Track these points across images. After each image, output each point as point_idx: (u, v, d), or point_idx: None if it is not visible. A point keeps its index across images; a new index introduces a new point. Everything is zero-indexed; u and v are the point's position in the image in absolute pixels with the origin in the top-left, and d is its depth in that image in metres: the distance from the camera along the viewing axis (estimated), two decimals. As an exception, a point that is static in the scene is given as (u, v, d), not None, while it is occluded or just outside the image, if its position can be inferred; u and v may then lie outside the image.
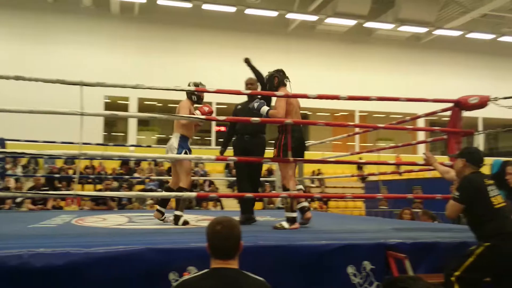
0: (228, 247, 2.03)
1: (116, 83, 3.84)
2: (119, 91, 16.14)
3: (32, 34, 17.00)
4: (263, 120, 4.16)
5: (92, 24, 17.62)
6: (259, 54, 18.95)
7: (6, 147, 7.18)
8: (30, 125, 11.75)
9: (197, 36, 18.60)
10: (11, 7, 16.92)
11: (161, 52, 18.12)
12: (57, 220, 5.30)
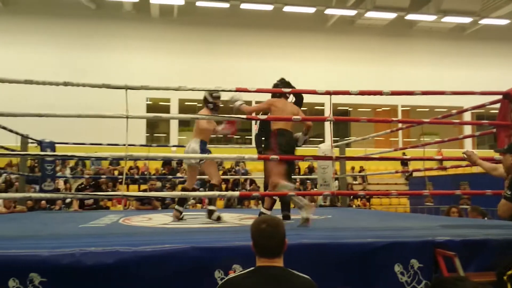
0: (273, 246, 2.04)
1: (158, 86, 3.92)
2: (161, 93, 16.48)
3: (77, 41, 17.61)
4: (303, 118, 4.14)
5: (133, 29, 18.07)
6: (297, 52, 19.06)
7: (55, 150, 7.44)
8: (78, 128, 12.16)
9: (236, 36, 18.73)
10: (56, 16, 17.59)
11: (200, 53, 18.35)
12: (105, 220, 5.45)
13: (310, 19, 19.21)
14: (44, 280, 2.61)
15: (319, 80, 15.78)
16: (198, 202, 12.34)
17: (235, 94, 4.52)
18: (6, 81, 3.59)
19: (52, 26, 17.61)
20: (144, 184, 12.63)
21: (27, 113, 3.76)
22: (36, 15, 17.53)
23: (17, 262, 2.63)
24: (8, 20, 17.10)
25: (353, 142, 9.27)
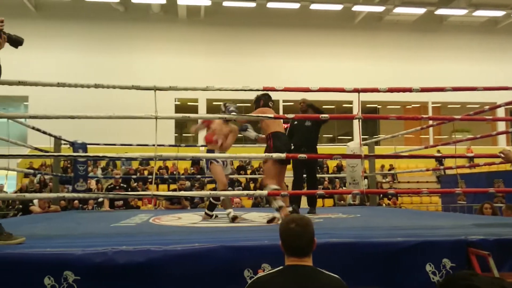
0: (302, 245, 2.04)
1: (186, 86, 3.96)
2: (189, 94, 16.64)
3: (106, 43, 17.97)
4: (331, 117, 4.11)
5: (160, 30, 18.31)
6: (325, 49, 18.94)
7: (87, 151, 7.61)
8: (108, 130, 12.41)
9: (262, 35, 18.75)
10: (86, 20, 17.98)
11: (227, 53, 18.45)
12: (136, 219, 5.54)
13: (337, 16, 19.05)
14: (78, 278, 2.68)
15: (346, 78, 15.65)
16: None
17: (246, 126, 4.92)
18: (40, 84, 3.70)
19: (82, 30, 18.00)
20: (174, 184, 12.78)
21: (61, 115, 3.86)
22: (66, 19, 17.95)
23: (52, 261, 2.70)
24: (41, 25, 17.57)
25: (382, 140, 9.14)
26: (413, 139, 19.05)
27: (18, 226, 4.32)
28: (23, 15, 17.12)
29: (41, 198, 7.91)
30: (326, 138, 19.56)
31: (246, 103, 18.04)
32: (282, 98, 16.30)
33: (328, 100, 17.62)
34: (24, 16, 17.16)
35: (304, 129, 5.73)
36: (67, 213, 7.99)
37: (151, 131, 5.20)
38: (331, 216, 5.65)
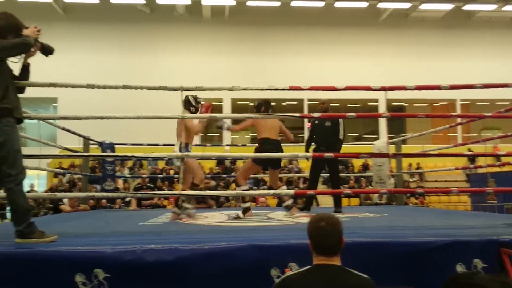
0: (332, 244, 2.02)
1: (212, 86, 3.98)
2: (213, 93, 16.70)
3: (132, 45, 18.23)
4: (358, 115, 4.07)
5: (185, 30, 18.46)
6: (349, 48, 18.78)
7: (115, 151, 7.72)
8: (135, 130, 12.59)
9: (286, 34, 18.72)
10: (112, 22, 18.28)
11: (251, 53, 18.48)
12: (163, 218, 5.60)
13: (362, 13, 18.86)
14: (108, 276, 2.72)
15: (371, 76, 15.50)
16: (251, 201, 12.42)
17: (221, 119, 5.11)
18: (70, 86, 3.78)
19: (109, 32, 18.31)
20: (199, 183, 12.83)
21: (90, 116, 3.94)
22: (94, 22, 18.29)
23: (82, 258, 2.76)
24: (68, 27, 17.95)
25: (409, 139, 9.02)
26: (440, 137, 18.71)
27: (49, 224, 4.42)
28: (52, 18, 17.52)
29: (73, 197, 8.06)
30: (351, 137, 19.40)
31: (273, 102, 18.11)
32: (307, 97, 16.27)
33: (354, 98, 17.52)
34: (53, 19, 17.55)
35: (324, 129, 5.96)
36: (95, 212, 8.14)
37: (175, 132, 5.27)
38: (358, 215, 5.60)
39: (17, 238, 3.03)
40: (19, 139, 3.19)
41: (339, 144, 5.89)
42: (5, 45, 3.13)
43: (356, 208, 9.15)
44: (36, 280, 2.73)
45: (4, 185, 3.08)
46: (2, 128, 3.04)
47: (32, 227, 3.07)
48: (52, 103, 18.27)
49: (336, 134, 5.91)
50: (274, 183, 5.42)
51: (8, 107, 3.12)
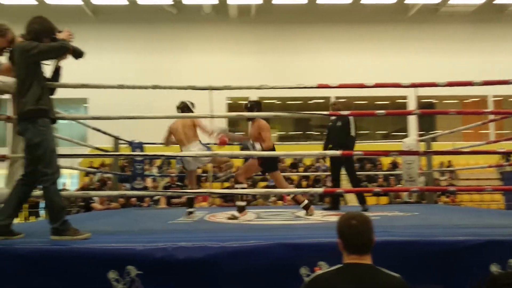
0: (363, 242, 2.01)
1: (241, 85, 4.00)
2: (240, 92, 16.75)
3: (160, 45, 18.44)
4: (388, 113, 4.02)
5: (212, 30, 18.57)
6: (377, 45, 18.51)
7: (144, 150, 7.83)
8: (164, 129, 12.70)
9: (313, 32, 18.61)
10: (139, 22, 18.53)
11: (278, 51, 18.45)
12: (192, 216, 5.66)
13: (390, 10, 18.58)
14: (140, 273, 2.78)
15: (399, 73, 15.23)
16: (279, 199, 12.42)
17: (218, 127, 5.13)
18: (101, 86, 3.86)
19: (136, 33, 18.57)
20: (227, 182, 12.93)
21: (121, 116, 4.01)
22: (122, 23, 18.58)
23: (115, 255, 2.82)
24: (99, 29, 18.28)
25: (439, 136, 8.84)
26: (472, 134, 18.26)
27: (82, 222, 4.52)
28: (82, 21, 17.86)
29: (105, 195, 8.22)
30: (379, 135, 19.15)
31: (297, 100, 18.05)
32: (334, 95, 16.13)
33: (381, 95, 17.28)
34: (83, 22, 17.89)
35: (336, 129, 6.16)
36: (125, 210, 8.28)
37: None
38: (388, 214, 5.54)
39: (53, 235, 3.11)
40: (54, 139, 3.29)
41: (350, 142, 5.96)
42: (44, 49, 3.24)
43: (385, 206, 9.05)
44: (71, 276, 2.80)
45: (41, 184, 3.18)
46: (38, 129, 3.14)
47: (67, 225, 3.16)
48: (82, 104, 18.65)
49: (347, 133, 6.03)
50: (279, 185, 5.40)
51: (44, 108, 3.22)
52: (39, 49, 3.20)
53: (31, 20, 3.31)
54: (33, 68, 3.23)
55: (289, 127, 19.48)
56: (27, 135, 3.15)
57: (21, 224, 5.57)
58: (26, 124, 3.15)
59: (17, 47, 3.24)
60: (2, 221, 3.14)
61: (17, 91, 3.24)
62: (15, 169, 3.65)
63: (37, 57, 3.24)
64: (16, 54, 3.23)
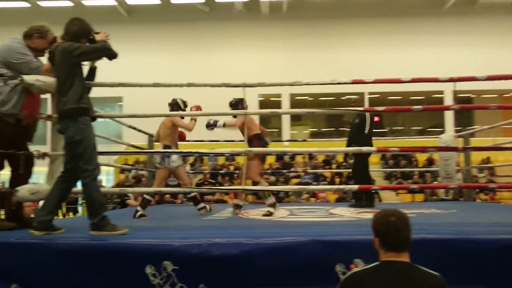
0: (402, 239, 1.98)
1: (274, 82, 3.99)
2: (272, 89, 16.75)
3: (193, 43, 18.62)
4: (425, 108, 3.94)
5: (244, 27, 18.62)
6: (411, 38, 18.13)
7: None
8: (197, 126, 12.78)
9: (345, 27, 18.40)
10: (172, 21, 18.76)
11: (310, 47, 18.34)
12: (225, 213, 5.70)
13: (425, 3, 18.17)
14: (176, 268, 2.82)
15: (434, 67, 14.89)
16: (312, 196, 12.37)
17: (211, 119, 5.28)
18: (137, 85, 3.93)
19: (170, 31, 18.81)
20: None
21: (156, 114, 4.07)
22: (155, 22, 18.85)
23: (152, 251, 2.87)
24: (132, 29, 18.59)
25: (478, 131, 8.59)
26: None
27: (118, 218, 4.61)
28: (116, 21, 18.23)
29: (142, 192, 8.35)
30: (414, 131, 18.79)
31: (330, 96, 17.88)
32: (368, 90, 15.93)
33: (417, 91, 16.93)
34: (117, 21, 18.25)
35: (354, 126, 6.31)
36: (160, 206, 8.40)
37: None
38: (424, 211, 5.43)
39: (92, 231, 3.19)
40: (94, 137, 3.37)
41: (363, 139, 5.91)
42: (86, 50, 3.32)
43: (421, 204, 8.87)
44: (110, 270, 2.86)
45: (81, 180, 3.26)
46: (80, 127, 3.22)
47: (105, 220, 3.23)
48: (117, 102, 19.04)
49: (362, 130, 6.09)
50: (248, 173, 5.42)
51: (85, 106, 3.31)
52: (82, 50, 3.29)
53: (69, 22, 3.39)
54: (75, 68, 3.32)
55: (322, 124, 19.35)
56: (69, 133, 3.23)
57: (61, 220, 5.75)
58: (68, 122, 3.23)
59: (58, 47, 3.32)
60: (44, 216, 3.24)
61: (57, 90, 3.33)
62: (55, 167, 3.75)
63: (79, 58, 3.33)
64: (57, 54, 3.31)
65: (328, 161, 15.27)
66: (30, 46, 3.66)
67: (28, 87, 3.55)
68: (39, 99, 3.88)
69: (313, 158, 15.18)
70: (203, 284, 2.81)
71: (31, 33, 3.68)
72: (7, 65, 3.56)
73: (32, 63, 3.60)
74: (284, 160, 15.29)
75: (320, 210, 6.00)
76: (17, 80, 3.48)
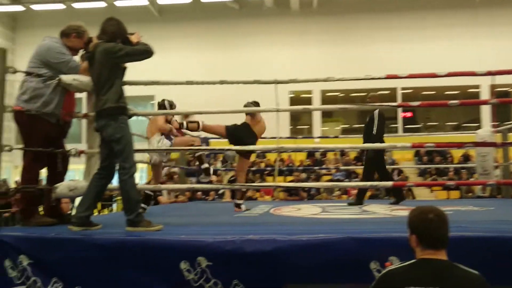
0: (440, 237, 1.94)
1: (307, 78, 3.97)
2: (303, 85, 16.65)
3: (224, 41, 18.72)
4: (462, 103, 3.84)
5: (274, 24, 18.59)
6: (442, 31, 17.65)
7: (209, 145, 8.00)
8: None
9: (376, 21, 18.12)
10: (203, 20, 18.89)
11: (340, 43, 18.15)
12: (257, 210, 5.71)
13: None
14: (210, 264, 2.85)
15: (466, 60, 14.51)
16: (343, 193, 12.26)
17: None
18: (171, 83, 3.98)
19: (200, 30, 18.95)
20: (290, 176, 12.94)
21: (190, 111, 4.12)
22: (187, 21, 19.03)
23: (186, 247, 2.91)
24: (164, 28, 18.83)
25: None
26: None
27: (152, 214, 4.70)
28: (147, 20, 18.50)
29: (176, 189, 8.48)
30: (449, 126, 18.34)
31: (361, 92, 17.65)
32: (401, 85, 15.65)
33: (452, 85, 16.51)
34: (149, 21, 18.53)
35: (367, 124, 6.08)
36: (192, 203, 8.52)
37: (268, 125, 5.33)
38: (461, 208, 5.30)
39: (128, 227, 3.26)
40: (131, 135, 3.43)
41: (372, 139, 5.73)
42: (129, 52, 3.38)
43: (457, 201, 8.66)
44: (145, 265, 2.92)
45: (118, 177, 3.33)
46: (119, 125, 3.29)
47: (141, 217, 3.29)
48: (149, 101, 19.32)
49: (370, 131, 5.89)
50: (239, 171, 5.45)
51: (124, 106, 3.38)
52: (126, 52, 3.35)
53: (106, 22, 3.45)
54: (116, 69, 3.38)
55: (353, 120, 19.11)
56: (108, 131, 3.30)
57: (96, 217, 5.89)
58: (108, 120, 3.29)
59: (100, 47, 3.37)
60: (82, 212, 3.33)
61: (97, 89, 3.38)
62: (92, 164, 3.85)
63: (122, 59, 3.39)
64: (98, 54, 3.36)
65: (360, 158, 15.09)
66: (67, 45, 3.75)
67: (66, 86, 3.65)
68: (74, 97, 3.98)
69: (344, 154, 15.04)
70: (237, 280, 2.83)
71: (69, 32, 3.76)
72: (47, 64, 3.64)
73: (71, 63, 3.68)
74: (315, 157, 15.19)
75: (353, 207, 5.94)
76: (55, 80, 3.57)
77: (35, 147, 3.56)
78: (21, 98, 3.60)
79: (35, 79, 3.59)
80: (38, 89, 3.58)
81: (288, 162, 14.80)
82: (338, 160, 14.86)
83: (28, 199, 3.64)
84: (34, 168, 3.65)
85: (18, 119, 3.61)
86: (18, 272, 3.04)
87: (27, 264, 3.03)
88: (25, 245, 3.07)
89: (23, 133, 3.64)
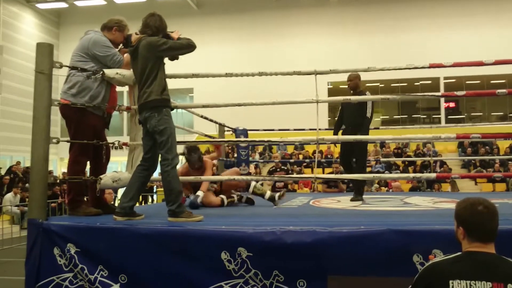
0: (489, 229, 1.88)
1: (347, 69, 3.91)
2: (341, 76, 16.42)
3: (262, 33, 18.72)
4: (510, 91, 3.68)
5: (311, 14, 18.42)
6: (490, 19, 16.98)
7: (248, 137, 8.02)
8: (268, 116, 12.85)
9: (418, 10, 17.66)
10: (240, 12, 18.95)
11: (380, 32, 17.82)
12: (296, 201, 5.69)
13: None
14: (250, 255, 2.87)
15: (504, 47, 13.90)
16: (383, 186, 12.07)
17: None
18: (210, 75, 4.00)
19: (238, 22, 19.04)
20: (329, 168, 12.83)
21: (228, 103, 4.14)
22: (224, 14, 19.16)
23: (227, 237, 2.94)
24: (202, 21, 19.02)
25: None
26: None
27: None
28: (186, 14, 18.74)
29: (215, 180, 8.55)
30: (495, 116, 17.69)
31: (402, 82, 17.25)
32: (443, 75, 15.21)
33: (497, 74, 15.90)
34: (187, 14, 18.76)
35: (352, 109, 5.48)
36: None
37: (306, 116, 5.30)
38: (508, 201, 5.11)
39: (170, 217, 3.32)
40: (174, 127, 3.48)
41: (366, 123, 5.41)
42: (173, 46, 3.44)
43: (503, 194, 8.37)
44: (187, 255, 2.97)
45: (161, 168, 3.39)
46: (163, 117, 3.35)
47: (182, 207, 3.35)
48: (188, 94, 19.58)
49: (363, 113, 5.40)
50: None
51: (167, 98, 3.44)
52: (170, 46, 3.41)
53: (149, 16, 3.50)
54: (159, 62, 3.44)
55: (394, 111, 18.77)
56: (152, 123, 3.35)
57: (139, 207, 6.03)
58: (151, 112, 3.35)
59: (143, 41, 3.42)
60: (126, 203, 3.41)
61: (141, 82, 3.44)
62: (135, 156, 3.93)
63: (166, 52, 3.45)
64: (142, 47, 3.41)
65: (401, 150, 14.80)
66: (109, 38, 3.82)
67: (109, 80, 3.74)
68: (116, 91, 4.07)
69: (384, 146, 14.79)
70: (277, 271, 2.84)
71: (111, 26, 3.84)
72: (94, 57, 3.71)
73: (115, 56, 3.75)
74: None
75: (394, 200, 5.83)
76: (99, 74, 3.66)
77: (83, 140, 3.65)
78: (68, 92, 3.67)
79: (82, 73, 3.67)
80: (86, 83, 3.66)
81: (327, 154, 14.69)
82: (378, 151, 14.62)
83: (76, 190, 3.75)
84: (82, 160, 3.76)
85: (66, 113, 3.69)
86: (66, 260, 3.15)
87: (74, 252, 3.14)
88: (73, 234, 3.18)
89: (70, 126, 3.71)
